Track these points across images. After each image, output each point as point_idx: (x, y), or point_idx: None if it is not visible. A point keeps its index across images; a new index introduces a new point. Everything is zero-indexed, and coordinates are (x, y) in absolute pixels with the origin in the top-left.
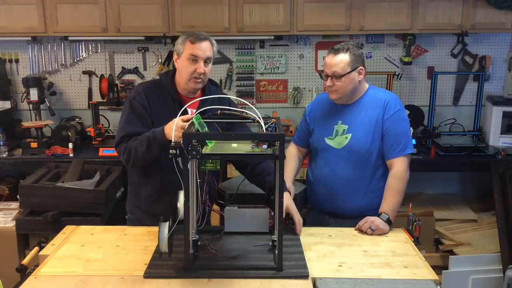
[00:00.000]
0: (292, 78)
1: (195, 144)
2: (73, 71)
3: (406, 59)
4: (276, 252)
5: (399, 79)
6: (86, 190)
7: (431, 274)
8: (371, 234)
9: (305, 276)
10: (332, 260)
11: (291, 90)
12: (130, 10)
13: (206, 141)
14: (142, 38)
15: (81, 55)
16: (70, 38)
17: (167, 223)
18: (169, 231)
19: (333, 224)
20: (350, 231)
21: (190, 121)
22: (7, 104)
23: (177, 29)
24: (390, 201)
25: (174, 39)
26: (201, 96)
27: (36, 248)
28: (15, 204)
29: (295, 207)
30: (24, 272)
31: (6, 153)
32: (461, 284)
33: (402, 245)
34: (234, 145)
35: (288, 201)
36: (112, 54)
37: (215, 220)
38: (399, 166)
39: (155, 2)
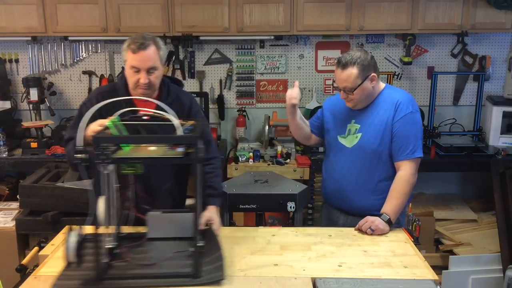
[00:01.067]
0: (292, 78)
1: (105, 147)
2: (73, 71)
3: (406, 59)
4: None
5: (399, 79)
6: (86, 190)
7: (431, 274)
8: (371, 234)
9: (220, 279)
10: (332, 260)
11: None
12: (130, 10)
13: (121, 144)
14: None
15: (81, 55)
16: (70, 38)
17: (76, 231)
18: (79, 239)
19: (343, 220)
20: (350, 231)
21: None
22: (7, 104)
23: (177, 29)
24: (393, 202)
25: (174, 39)
26: (158, 98)
27: (36, 248)
28: (15, 204)
29: (218, 218)
30: (24, 272)
31: (6, 153)
32: (461, 284)
33: (402, 245)
34: (153, 148)
35: (210, 213)
36: (112, 54)
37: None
38: (406, 169)
39: (155, 2)
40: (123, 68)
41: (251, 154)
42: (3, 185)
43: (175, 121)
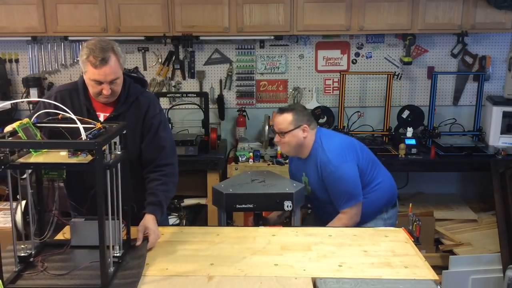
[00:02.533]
0: (292, 78)
1: (2, 152)
2: (73, 71)
3: (406, 59)
4: (111, 269)
5: (399, 79)
6: None
7: (431, 274)
8: None
9: None
10: (332, 260)
11: (291, 90)
12: (130, 10)
13: (31, 149)
14: (142, 38)
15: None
16: (70, 38)
17: None
18: None
19: None
20: (350, 231)
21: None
22: (7, 104)
23: (177, 29)
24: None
25: (174, 39)
26: (116, 100)
27: None
28: (15, 204)
29: (155, 227)
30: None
31: None
32: (461, 284)
33: (402, 245)
34: (63, 153)
35: (146, 222)
36: None
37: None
38: (346, 213)
39: (155, 2)
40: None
41: (251, 154)
42: (3, 185)
43: (80, 125)
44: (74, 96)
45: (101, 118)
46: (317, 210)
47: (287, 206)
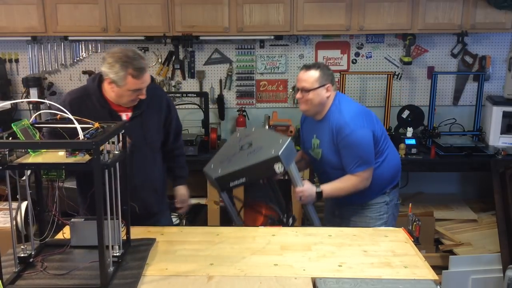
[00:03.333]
0: (292, 78)
1: (0, 153)
2: (73, 71)
3: (406, 59)
4: (111, 269)
5: (399, 79)
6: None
7: (431, 274)
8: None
9: None
10: (332, 260)
11: (291, 90)
12: (130, 10)
13: (29, 150)
14: (142, 38)
15: (81, 55)
16: (70, 38)
17: None
18: None
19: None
20: (350, 231)
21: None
22: (7, 104)
23: (177, 29)
24: (334, 186)
25: (174, 39)
26: None
27: None
28: (15, 204)
29: (187, 194)
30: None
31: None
32: (461, 284)
33: (402, 245)
34: (62, 153)
35: (185, 191)
36: None
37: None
38: (358, 176)
39: (155, 2)
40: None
41: None
42: (3, 185)
43: (78, 125)
44: (88, 102)
45: (124, 118)
46: (323, 177)
47: (278, 168)
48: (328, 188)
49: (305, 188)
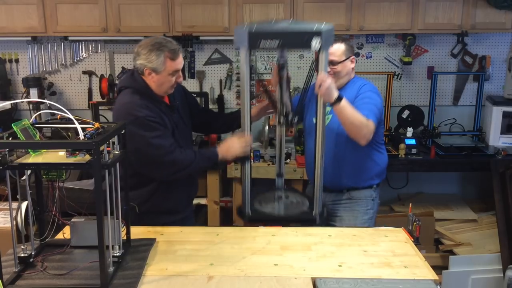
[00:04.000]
0: (292, 78)
1: (0, 153)
2: (73, 71)
3: (406, 59)
4: (111, 269)
5: (399, 79)
6: (86, 190)
7: (431, 274)
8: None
9: None
10: (332, 260)
11: (291, 90)
12: (130, 10)
13: (29, 150)
14: (142, 38)
15: (81, 55)
16: (70, 38)
17: None
18: None
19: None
20: (350, 231)
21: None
22: (7, 104)
23: (177, 29)
24: (350, 106)
25: (174, 39)
26: None
27: None
28: (15, 204)
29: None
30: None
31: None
32: (461, 284)
33: (402, 245)
34: (62, 153)
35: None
36: (112, 54)
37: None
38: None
39: (155, 2)
40: (123, 68)
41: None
42: (3, 185)
43: (78, 125)
44: (155, 104)
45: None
46: (327, 156)
47: (315, 44)
48: (346, 101)
49: (329, 80)
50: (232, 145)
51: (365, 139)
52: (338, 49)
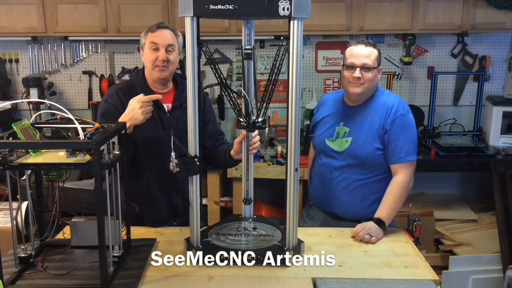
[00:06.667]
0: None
1: (1, 153)
2: (73, 71)
3: (406, 59)
4: (111, 269)
5: (399, 79)
6: (86, 190)
7: (431, 274)
8: (367, 242)
9: None
10: (332, 260)
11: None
12: (130, 10)
13: (29, 150)
14: None
15: (81, 55)
16: (70, 38)
17: None
18: None
19: (335, 226)
20: (350, 231)
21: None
22: (7, 104)
23: (178, 29)
24: (388, 206)
25: None
26: (174, 90)
27: None
28: (15, 204)
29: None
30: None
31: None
32: (461, 284)
33: (402, 245)
34: (62, 153)
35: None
36: (112, 54)
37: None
38: (403, 174)
39: (155, 2)
40: (123, 68)
41: None
42: (3, 185)
43: (78, 125)
44: (132, 92)
45: (166, 108)
46: (328, 182)
47: (283, 10)
48: (383, 210)
49: (369, 225)
50: (132, 109)
51: (412, 184)
52: (372, 53)
